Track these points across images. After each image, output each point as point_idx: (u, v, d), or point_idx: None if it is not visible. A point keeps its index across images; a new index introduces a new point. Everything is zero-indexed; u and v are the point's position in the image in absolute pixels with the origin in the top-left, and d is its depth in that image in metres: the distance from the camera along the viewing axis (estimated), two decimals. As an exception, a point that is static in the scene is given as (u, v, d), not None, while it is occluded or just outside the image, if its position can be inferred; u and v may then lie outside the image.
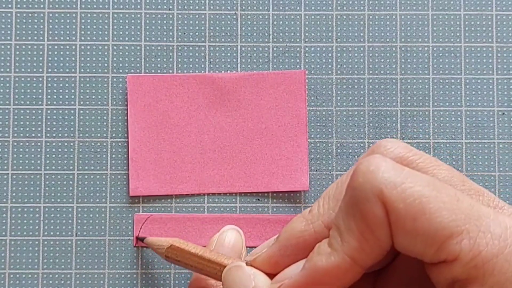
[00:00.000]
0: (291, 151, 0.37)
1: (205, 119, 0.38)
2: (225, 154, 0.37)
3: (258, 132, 0.38)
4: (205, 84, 0.37)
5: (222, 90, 0.37)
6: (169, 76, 0.38)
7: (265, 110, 0.38)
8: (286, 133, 0.38)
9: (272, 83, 0.38)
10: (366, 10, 0.38)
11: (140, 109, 0.37)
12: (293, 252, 0.28)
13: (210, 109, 0.38)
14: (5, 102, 0.37)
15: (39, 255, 0.37)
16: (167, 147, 0.37)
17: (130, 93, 0.37)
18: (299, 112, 0.38)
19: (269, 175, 0.37)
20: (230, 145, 0.38)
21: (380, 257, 0.25)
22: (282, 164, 0.37)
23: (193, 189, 0.37)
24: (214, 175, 0.37)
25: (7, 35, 0.38)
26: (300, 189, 0.37)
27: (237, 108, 0.38)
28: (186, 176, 0.37)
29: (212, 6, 0.38)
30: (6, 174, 0.37)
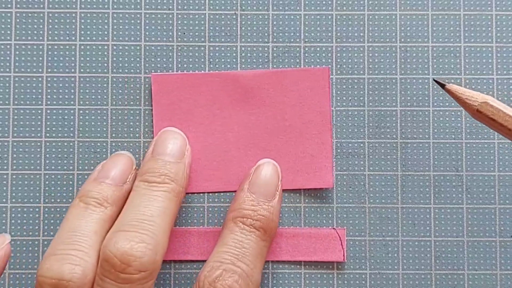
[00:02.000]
0: (316, 149, 0.37)
1: (229, 117, 0.38)
2: (250, 151, 0.37)
3: (282, 130, 0.38)
4: (228, 82, 0.37)
5: (246, 88, 0.37)
6: (193, 74, 0.38)
7: (289, 108, 0.38)
8: (310, 130, 0.37)
9: (295, 80, 0.38)
10: (366, 10, 0.38)
11: (165, 108, 0.37)
12: None
13: (234, 107, 0.38)
14: (5, 102, 0.37)
15: (39, 255, 0.37)
16: (192, 145, 0.37)
17: (155, 92, 0.37)
18: (323, 109, 0.37)
19: (293, 173, 0.37)
20: (254, 142, 0.38)
21: None
22: (307, 161, 0.37)
23: (218, 187, 0.37)
24: (239, 173, 0.37)
25: (7, 35, 0.38)
26: (324, 187, 0.37)
27: (261, 106, 0.38)
28: (210, 174, 0.37)
29: (212, 6, 0.38)
30: (6, 174, 0.37)
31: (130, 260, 0.31)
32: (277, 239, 0.37)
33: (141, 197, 0.34)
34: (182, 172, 0.35)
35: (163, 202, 0.33)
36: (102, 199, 0.34)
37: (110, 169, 0.36)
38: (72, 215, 0.34)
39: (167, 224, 0.33)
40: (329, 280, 0.37)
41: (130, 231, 0.32)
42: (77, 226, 0.33)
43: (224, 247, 0.34)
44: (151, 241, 0.32)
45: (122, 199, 0.35)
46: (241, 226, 0.34)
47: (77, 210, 0.34)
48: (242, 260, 0.33)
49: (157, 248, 0.32)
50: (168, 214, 0.34)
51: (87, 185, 0.35)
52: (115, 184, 0.35)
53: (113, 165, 0.36)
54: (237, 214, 0.35)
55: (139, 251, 0.31)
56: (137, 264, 0.31)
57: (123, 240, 0.31)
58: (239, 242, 0.34)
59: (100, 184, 0.35)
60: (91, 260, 0.32)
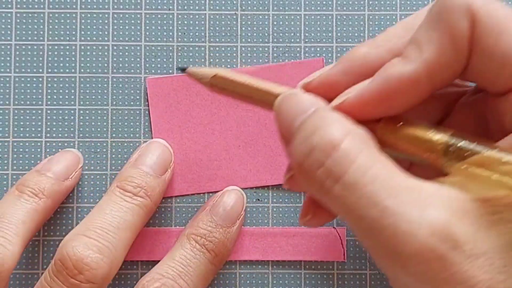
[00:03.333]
0: None
1: (227, 115, 0.38)
2: (250, 148, 0.37)
3: None
4: None
5: None
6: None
7: None
8: None
9: (291, 73, 0.38)
10: (366, 10, 0.38)
11: (162, 111, 0.37)
12: (356, 72, 0.27)
13: (231, 105, 0.37)
14: (5, 102, 0.37)
15: (39, 255, 0.37)
16: (192, 146, 0.37)
17: (151, 96, 0.37)
18: None
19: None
20: (254, 139, 0.37)
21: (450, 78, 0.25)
22: None
23: (220, 186, 0.37)
24: (241, 171, 0.37)
25: (7, 35, 0.38)
26: None
27: None
28: (212, 174, 0.37)
29: (212, 6, 0.38)
30: (6, 174, 0.37)
31: (84, 269, 0.31)
32: (277, 239, 0.37)
33: (112, 205, 0.33)
34: (159, 189, 0.35)
35: (132, 216, 0.33)
36: (38, 190, 0.34)
37: (55, 163, 0.36)
38: (4, 202, 0.34)
39: (130, 239, 0.33)
40: (329, 280, 0.37)
41: (91, 238, 0.32)
42: (6, 213, 0.33)
43: (171, 261, 0.34)
44: (109, 254, 0.32)
45: (61, 194, 0.35)
46: (193, 244, 0.34)
47: (11, 197, 0.34)
48: (184, 278, 0.33)
49: (113, 263, 0.32)
50: (133, 229, 0.33)
51: (27, 175, 0.35)
52: (56, 178, 0.35)
53: (59, 160, 0.36)
54: (192, 231, 0.35)
55: (94, 262, 0.31)
56: (89, 274, 0.31)
57: (82, 245, 0.31)
58: (186, 259, 0.34)
59: (40, 176, 0.35)
60: (13, 249, 0.32)
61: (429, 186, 0.24)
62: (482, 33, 0.24)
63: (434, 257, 0.22)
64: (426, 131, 0.25)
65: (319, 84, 0.27)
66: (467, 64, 0.25)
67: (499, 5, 0.24)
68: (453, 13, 0.24)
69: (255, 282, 0.37)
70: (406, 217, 0.22)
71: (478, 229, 0.23)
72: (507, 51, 0.24)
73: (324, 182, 0.24)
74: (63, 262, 0.31)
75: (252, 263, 0.37)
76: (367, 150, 0.24)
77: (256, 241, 0.37)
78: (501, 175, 0.23)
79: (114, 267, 0.32)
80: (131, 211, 0.33)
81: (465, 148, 0.24)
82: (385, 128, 0.26)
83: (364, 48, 0.27)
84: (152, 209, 0.35)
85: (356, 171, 0.23)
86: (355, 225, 0.24)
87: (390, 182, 0.23)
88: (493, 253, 0.23)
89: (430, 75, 0.25)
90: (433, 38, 0.24)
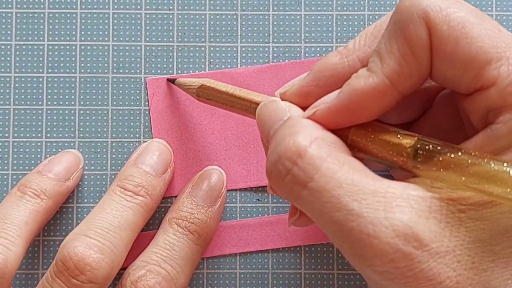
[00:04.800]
0: None
1: (227, 115, 0.38)
2: (250, 148, 0.37)
3: None
4: (224, 81, 0.37)
5: (242, 85, 0.37)
6: (188, 75, 0.38)
7: None
8: None
9: (290, 73, 0.38)
10: (366, 10, 0.38)
11: (162, 111, 0.37)
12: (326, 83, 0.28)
13: None
14: (5, 102, 0.37)
15: (39, 255, 0.37)
16: (192, 146, 0.37)
17: (151, 96, 0.37)
18: None
19: None
20: (255, 138, 0.38)
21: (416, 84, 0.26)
22: None
23: None
24: (241, 170, 0.37)
25: (7, 35, 0.38)
26: None
27: None
28: None
29: (212, 6, 0.38)
30: (6, 174, 0.37)
31: (85, 269, 0.31)
32: (275, 227, 0.37)
33: (113, 204, 0.34)
34: (160, 188, 0.35)
35: (133, 216, 0.33)
36: (39, 191, 0.34)
37: (56, 164, 0.36)
38: (6, 203, 0.34)
39: (131, 238, 0.33)
40: (329, 281, 0.37)
41: (93, 238, 0.32)
42: (8, 214, 0.33)
43: (154, 248, 0.34)
44: (110, 254, 0.32)
45: (62, 195, 0.35)
46: (175, 228, 0.34)
47: (13, 198, 0.34)
48: (168, 262, 0.33)
49: (114, 263, 0.32)
50: (134, 229, 0.34)
51: (29, 176, 0.35)
52: (57, 179, 0.35)
53: (59, 161, 0.36)
54: (173, 215, 0.35)
55: (95, 262, 0.31)
56: (91, 274, 0.31)
57: (83, 245, 0.31)
58: (169, 243, 0.34)
59: (42, 177, 0.35)
60: (16, 250, 0.32)
61: (396, 187, 0.24)
62: (440, 40, 0.24)
63: (399, 257, 0.23)
64: (395, 136, 0.26)
65: (292, 95, 0.28)
66: (431, 69, 0.25)
67: (455, 9, 0.24)
68: (410, 23, 0.25)
69: (255, 282, 0.37)
70: (370, 220, 0.23)
71: (445, 228, 0.23)
72: (466, 56, 0.24)
73: (292, 188, 0.25)
74: (64, 263, 0.31)
75: (252, 257, 0.37)
76: (334, 154, 0.25)
77: (254, 231, 0.37)
78: (467, 177, 0.23)
79: (115, 267, 0.32)
80: (132, 210, 0.33)
81: (432, 151, 0.24)
82: (356, 134, 0.27)
83: (333, 59, 0.28)
84: (152, 208, 0.35)
85: (322, 177, 0.24)
86: (324, 229, 0.25)
87: (356, 185, 0.24)
88: (460, 250, 0.23)
89: (394, 85, 0.25)
90: (394, 48, 0.25)
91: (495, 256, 0.24)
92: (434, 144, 0.25)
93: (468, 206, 0.24)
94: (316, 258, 0.37)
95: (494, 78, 0.24)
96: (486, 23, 0.25)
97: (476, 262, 0.23)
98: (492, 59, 0.24)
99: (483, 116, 0.25)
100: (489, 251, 0.24)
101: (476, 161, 0.23)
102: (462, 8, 0.25)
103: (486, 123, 0.25)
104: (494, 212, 0.24)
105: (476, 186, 0.23)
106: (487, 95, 0.24)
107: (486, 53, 0.24)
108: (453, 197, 0.24)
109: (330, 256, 0.37)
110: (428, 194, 0.24)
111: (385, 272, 0.23)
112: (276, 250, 0.37)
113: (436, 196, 0.24)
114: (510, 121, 0.24)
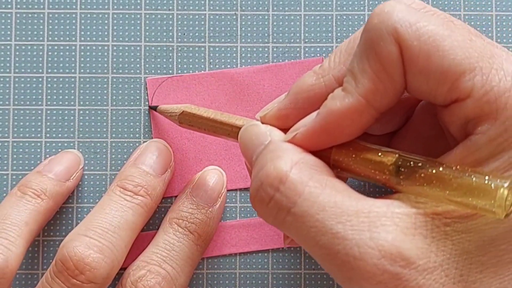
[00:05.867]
0: None
1: None
2: None
3: None
4: (224, 81, 0.37)
5: (242, 85, 0.37)
6: (188, 75, 0.38)
7: None
8: None
9: (290, 73, 0.38)
10: (366, 10, 0.38)
11: None
12: (303, 105, 0.28)
13: (231, 105, 0.37)
14: (5, 102, 0.38)
15: (39, 255, 0.37)
16: (192, 146, 0.37)
17: (151, 96, 0.37)
18: None
19: None
20: None
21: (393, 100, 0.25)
22: None
23: None
24: (241, 170, 0.37)
25: (7, 35, 0.38)
26: None
27: (258, 101, 0.38)
28: None
29: (212, 6, 0.38)
30: (6, 174, 0.37)
31: (85, 269, 0.31)
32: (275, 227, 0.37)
33: (113, 204, 0.34)
34: (159, 188, 0.35)
35: (133, 216, 0.33)
36: (40, 191, 0.34)
37: (56, 164, 0.36)
38: (7, 203, 0.34)
39: (130, 238, 0.33)
40: (329, 280, 0.37)
41: (92, 237, 0.32)
42: (9, 214, 0.33)
43: (155, 248, 0.34)
44: (110, 254, 0.32)
45: (62, 195, 0.35)
46: (175, 228, 0.34)
47: (13, 198, 0.34)
48: (169, 263, 0.33)
49: (113, 263, 0.32)
50: (134, 229, 0.34)
51: (29, 176, 0.35)
52: (57, 179, 0.35)
53: (60, 161, 0.36)
54: (173, 215, 0.35)
55: (95, 262, 0.31)
56: (90, 274, 0.31)
57: (83, 245, 0.31)
58: (170, 243, 0.34)
59: (42, 177, 0.35)
60: (17, 250, 0.32)
61: (380, 205, 0.24)
62: (412, 55, 0.24)
63: (387, 278, 0.23)
64: (376, 154, 0.26)
65: (272, 118, 0.29)
66: (406, 84, 0.25)
67: (425, 23, 0.24)
68: (380, 40, 0.24)
69: (255, 282, 0.37)
70: (355, 242, 0.23)
71: (431, 243, 0.23)
72: (439, 70, 0.24)
73: (276, 214, 0.25)
74: (64, 263, 0.31)
75: (252, 257, 0.37)
76: (316, 177, 0.25)
77: (254, 232, 0.37)
78: (450, 191, 0.23)
79: (115, 267, 0.32)
80: (131, 210, 0.33)
81: (414, 167, 0.24)
82: (338, 154, 0.27)
83: (309, 80, 0.28)
84: (152, 208, 0.35)
85: (304, 201, 0.24)
86: (311, 253, 0.25)
87: (340, 207, 0.24)
88: (448, 264, 0.23)
89: (370, 103, 0.25)
90: (366, 67, 0.25)
91: (483, 266, 0.24)
92: (415, 160, 0.25)
93: (453, 219, 0.24)
94: (316, 258, 0.37)
95: (469, 89, 0.24)
96: (457, 34, 0.24)
97: (465, 275, 0.23)
98: (465, 70, 0.24)
99: (462, 127, 0.25)
100: (477, 262, 0.24)
101: (457, 175, 0.23)
102: (431, 20, 0.24)
103: (466, 134, 0.25)
104: (479, 223, 0.24)
105: (460, 199, 0.23)
106: (464, 107, 0.24)
107: (459, 65, 0.24)
108: (437, 211, 0.24)
109: (330, 256, 0.37)
110: (413, 211, 0.24)
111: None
112: (276, 250, 0.37)
113: (421, 212, 0.24)
114: (488, 131, 0.24)
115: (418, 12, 0.25)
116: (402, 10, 0.25)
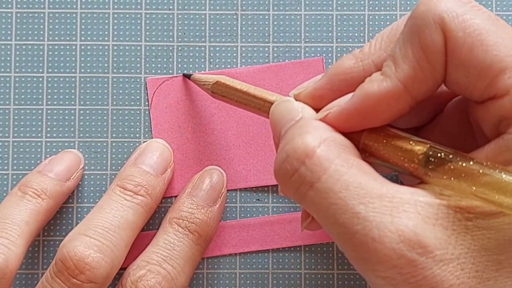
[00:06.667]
0: None
1: (227, 115, 0.38)
2: (250, 148, 0.37)
3: None
4: None
5: None
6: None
7: None
8: None
9: (290, 73, 0.38)
10: (366, 10, 0.38)
11: (162, 111, 0.37)
12: (339, 87, 0.28)
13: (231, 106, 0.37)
14: (5, 102, 0.37)
15: (39, 255, 0.37)
16: (192, 146, 0.37)
17: (151, 96, 0.37)
18: None
19: None
20: (255, 138, 0.37)
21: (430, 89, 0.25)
22: None
23: None
24: (241, 170, 0.37)
25: (7, 35, 0.38)
26: None
27: None
28: None
29: (212, 6, 0.38)
30: (6, 174, 0.37)
31: (85, 268, 0.31)
32: (275, 227, 0.37)
33: (113, 204, 0.34)
34: (160, 188, 0.35)
35: (133, 215, 0.33)
36: (40, 191, 0.34)
37: (56, 164, 0.36)
38: (7, 203, 0.34)
39: (130, 238, 0.33)
40: (329, 280, 0.37)
41: (92, 237, 0.32)
42: (9, 214, 0.33)
43: (155, 247, 0.34)
44: (110, 254, 0.32)
45: (63, 195, 0.35)
46: (175, 228, 0.34)
47: (13, 198, 0.34)
48: (169, 262, 0.33)
49: (113, 262, 0.32)
50: (134, 228, 0.34)
51: (29, 176, 0.35)
52: (57, 179, 0.35)
53: (60, 161, 0.36)
54: (173, 215, 0.35)
55: (95, 262, 0.31)
56: (90, 274, 0.31)
57: (83, 245, 0.31)
58: (170, 243, 0.34)
59: (42, 176, 0.35)
60: (17, 250, 0.32)
61: (404, 192, 0.24)
62: (455, 46, 0.24)
63: (403, 263, 0.23)
64: (407, 142, 0.26)
65: (306, 96, 0.28)
66: (445, 76, 0.25)
67: (472, 16, 0.24)
68: (425, 28, 0.24)
69: (255, 282, 0.37)
70: (376, 224, 0.23)
71: (451, 235, 0.23)
72: (480, 64, 0.24)
73: (298, 188, 0.25)
74: (64, 262, 0.31)
75: (252, 257, 0.37)
76: (343, 156, 0.25)
77: (254, 232, 0.37)
78: (478, 187, 0.23)
79: (115, 267, 0.32)
80: (131, 209, 0.33)
81: (444, 159, 0.24)
82: (368, 138, 0.26)
83: (348, 62, 0.28)
84: (152, 208, 0.35)
85: (329, 178, 0.24)
86: (329, 230, 0.25)
87: (364, 188, 0.24)
88: (465, 258, 0.23)
89: (408, 90, 0.25)
90: (408, 53, 0.25)
91: (500, 265, 0.24)
92: (446, 152, 0.25)
93: (476, 215, 0.24)
94: (316, 258, 0.37)
95: (508, 87, 0.24)
96: (502, 31, 0.24)
97: (480, 271, 0.23)
98: (507, 68, 0.24)
99: (495, 125, 0.25)
100: (494, 260, 0.24)
101: (487, 171, 0.23)
102: (478, 15, 0.25)
103: (498, 133, 0.25)
104: (501, 222, 0.24)
105: (486, 196, 0.23)
106: (500, 104, 0.24)
107: (501, 62, 0.24)
108: (461, 205, 0.24)
109: (330, 256, 0.37)
110: (436, 201, 0.24)
111: (388, 278, 0.23)
112: (276, 250, 0.37)
113: (444, 204, 0.24)
114: None
115: (465, 5, 0.25)
116: (450, 0, 0.25)
